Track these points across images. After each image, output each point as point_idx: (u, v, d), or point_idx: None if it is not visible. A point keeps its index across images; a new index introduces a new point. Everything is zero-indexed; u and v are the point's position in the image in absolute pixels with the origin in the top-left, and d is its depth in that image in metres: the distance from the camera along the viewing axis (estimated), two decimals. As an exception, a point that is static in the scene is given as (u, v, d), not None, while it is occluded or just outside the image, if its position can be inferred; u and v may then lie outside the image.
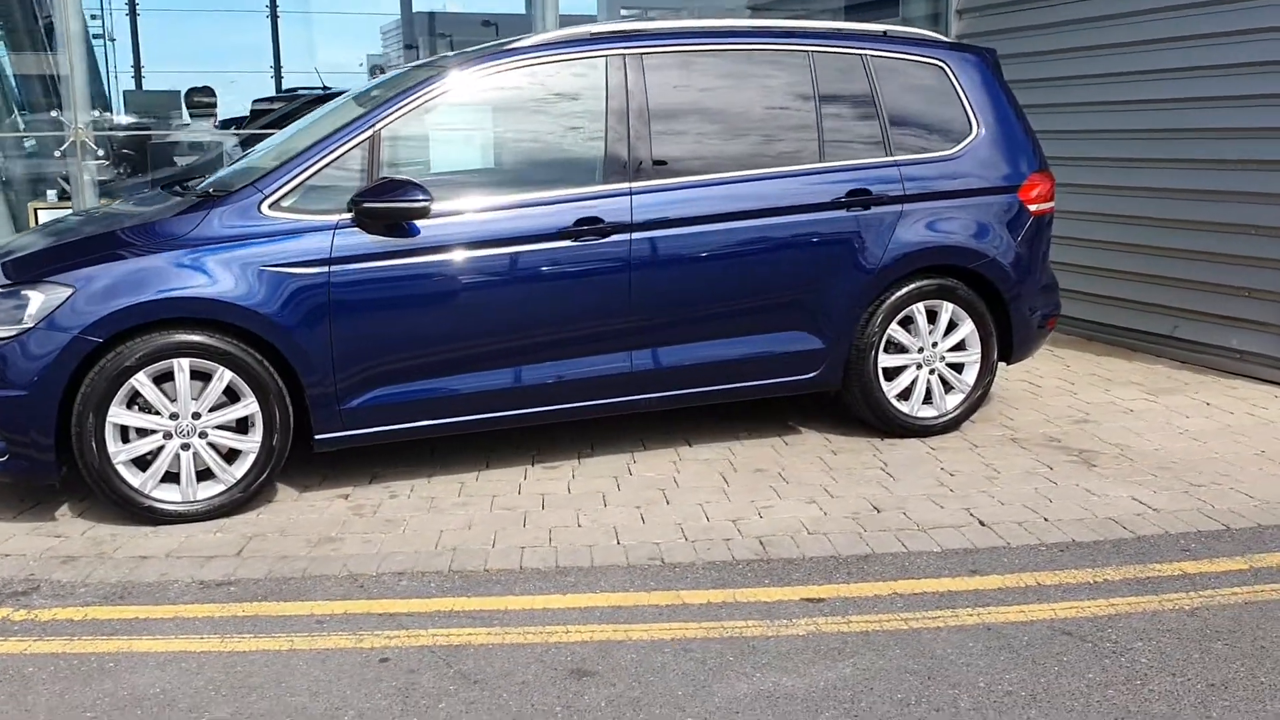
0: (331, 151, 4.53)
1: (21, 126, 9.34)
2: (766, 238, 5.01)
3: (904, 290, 5.27)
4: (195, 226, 4.37)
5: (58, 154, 7.03)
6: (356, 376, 4.51)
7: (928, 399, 5.43)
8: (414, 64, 5.50)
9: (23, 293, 4.23)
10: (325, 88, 14.14)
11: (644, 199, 4.84)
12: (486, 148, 4.98)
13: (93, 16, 13.18)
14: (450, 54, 5.44)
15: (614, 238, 4.78)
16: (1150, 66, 6.96)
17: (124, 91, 19.59)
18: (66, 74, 6.97)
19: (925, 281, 5.31)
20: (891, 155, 5.27)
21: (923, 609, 3.61)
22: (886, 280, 5.21)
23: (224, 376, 4.35)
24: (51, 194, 8.27)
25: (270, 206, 4.43)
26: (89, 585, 3.87)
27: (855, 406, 5.41)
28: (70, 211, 6.79)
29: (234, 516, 4.46)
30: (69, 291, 4.20)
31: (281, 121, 9.75)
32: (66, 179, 8.34)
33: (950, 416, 5.46)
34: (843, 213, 5.13)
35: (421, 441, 5.13)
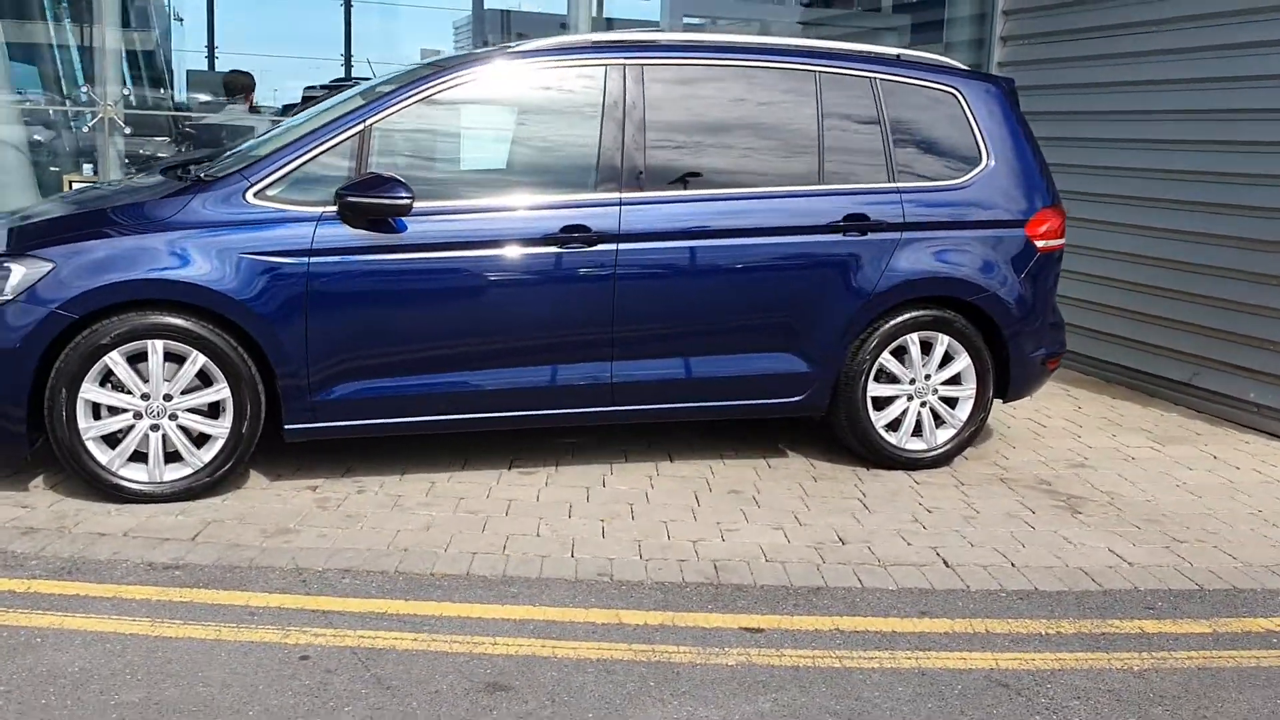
0: (322, 143, 4.55)
1: (81, 100, 9.53)
2: (757, 257, 4.94)
3: (898, 319, 5.17)
4: (179, 210, 4.40)
5: (85, 129, 7.14)
6: (330, 369, 4.52)
7: (917, 431, 5.32)
8: (421, 62, 5.49)
9: (4, 265, 4.29)
10: (375, 76, 14.26)
11: (634, 210, 4.79)
12: (479, 148, 4.97)
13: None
14: (452, 55, 5.42)
15: (600, 247, 4.74)
16: (1187, 106, 6.78)
17: (188, 71, 19.92)
18: (99, 49, 7.08)
19: (921, 312, 5.20)
20: (894, 181, 5.18)
21: (860, 648, 3.53)
22: (880, 308, 5.12)
23: (197, 360, 4.38)
24: (88, 168, 8.42)
25: (255, 194, 4.45)
26: (41, 559, 3.91)
27: (841, 434, 5.32)
28: (91, 185, 6.90)
29: (199, 500, 4.48)
30: (49, 266, 4.25)
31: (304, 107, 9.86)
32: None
33: (939, 451, 5.34)
34: (838, 236, 5.05)
35: (400, 437, 5.14)
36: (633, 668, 3.33)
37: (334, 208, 4.47)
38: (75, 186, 7.74)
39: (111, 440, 4.40)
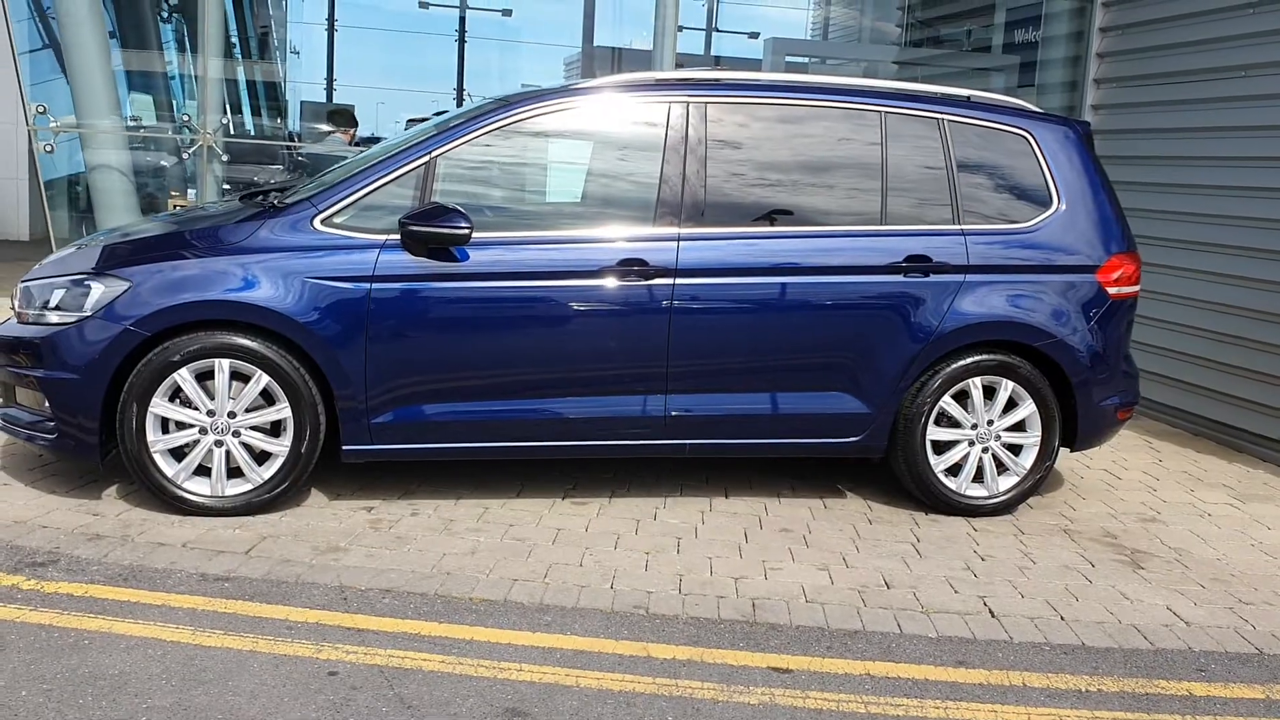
0: (388, 174, 4.68)
1: (180, 127, 9.98)
2: (816, 296, 4.92)
3: (960, 363, 5.09)
4: (249, 235, 4.58)
5: (186, 156, 7.47)
6: (388, 393, 4.63)
7: (979, 478, 5.22)
8: (492, 98, 5.62)
9: (87, 283, 4.51)
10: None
11: (692, 245, 4.83)
12: (542, 181, 5.06)
13: (274, 29, 13.98)
14: (519, 91, 5.54)
15: (657, 281, 4.78)
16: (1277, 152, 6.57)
17: (301, 102, 20.69)
18: (200, 79, 7.40)
19: (985, 356, 5.12)
20: (960, 223, 5.12)
21: (889, 694, 3.47)
22: (941, 351, 5.05)
23: (260, 380, 4.53)
24: (192, 192, 8.79)
25: (323, 222, 4.61)
26: (102, 564, 4.07)
27: (901, 477, 5.25)
28: (182, 208, 7.21)
29: (258, 516, 4.63)
30: (127, 285, 4.46)
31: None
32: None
33: (1001, 499, 5.23)
34: (899, 277, 5.00)
35: (458, 462, 5.23)
36: (653, 701, 3.33)
37: (397, 236, 4.60)
38: (173, 209, 8.10)
39: (177, 454, 4.57)
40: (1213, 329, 7.01)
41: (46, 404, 4.53)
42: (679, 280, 4.80)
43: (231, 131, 7.63)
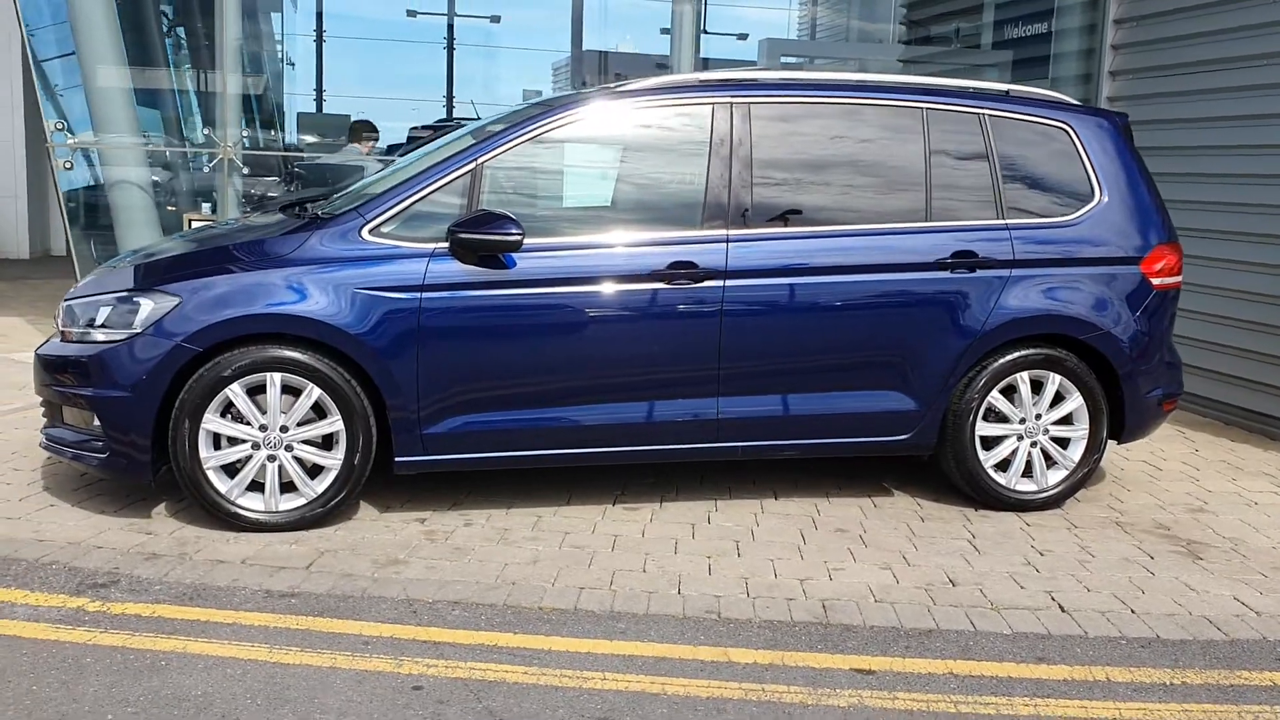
0: (434, 182, 4.65)
1: (199, 141, 9.91)
2: (864, 294, 4.91)
3: (1008, 357, 5.08)
4: (297, 247, 4.53)
5: (205, 169, 7.42)
6: (439, 403, 4.59)
7: (1027, 472, 5.21)
8: (528, 103, 5.60)
9: (135, 299, 4.46)
10: (479, 117, 14.53)
11: (741, 247, 4.80)
12: (587, 186, 5.03)
13: (277, 42, 13.92)
14: (560, 95, 5.51)
15: (707, 284, 4.75)
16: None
17: (298, 113, 20.59)
18: (219, 93, 7.35)
19: (1032, 350, 5.11)
20: (1003, 218, 5.11)
21: (975, 693, 3.45)
22: (989, 346, 5.04)
23: (312, 393, 4.49)
24: (206, 207, 8.73)
25: (370, 231, 4.57)
26: (164, 584, 4.02)
27: (949, 473, 5.23)
28: (209, 223, 7.16)
29: (311, 530, 4.58)
30: (176, 301, 4.41)
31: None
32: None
33: (1051, 493, 5.22)
34: (946, 274, 4.99)
35: (506, 471, 5.19)
36: (743, 706, 3.30)
37: (445, 244, 4.56)
38: (194, 225, 8.03)
39: (230, 470, 4.52)
40: (1240, 317, 7.01)
41: (96, 423, 4.48)
42: (729, 282, 4.78)
43: (246, 145, 7.56)
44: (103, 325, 4.52)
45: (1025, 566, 4.53)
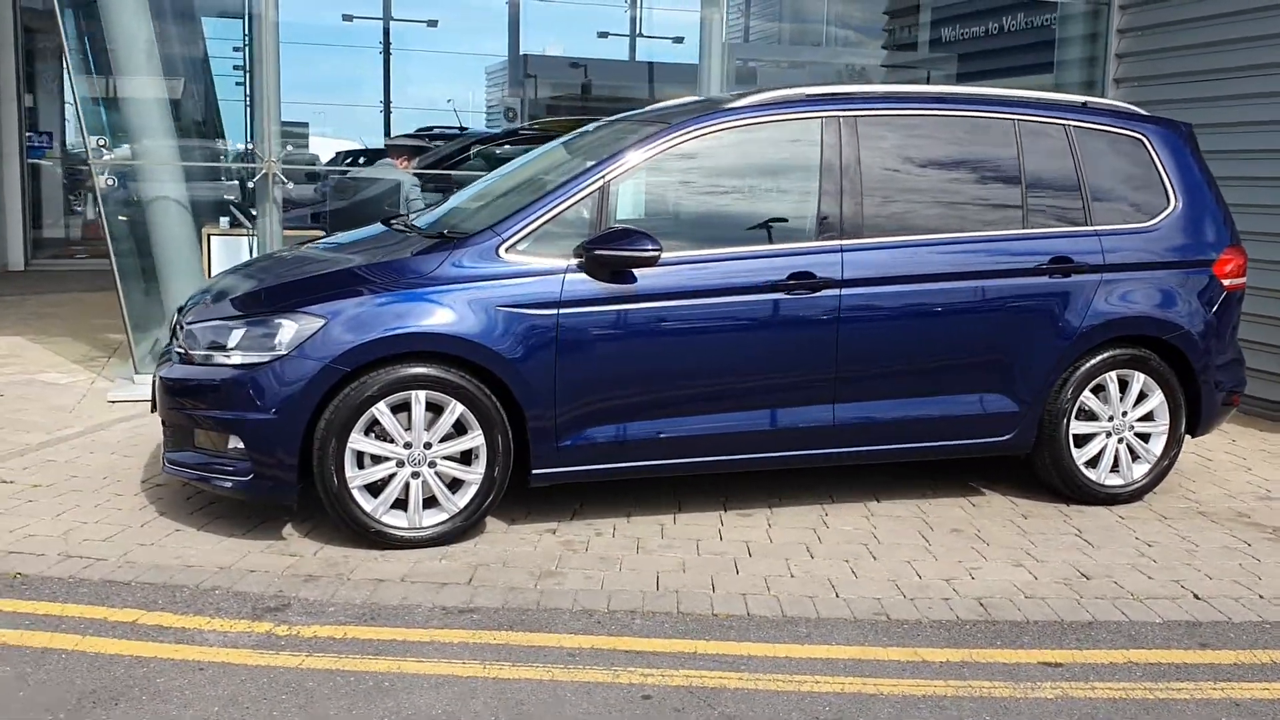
0: (566, 199, 4.71)
1: (230, 155, 9.76)
2: (970, 299, 5.10)
3: (1099, 358, 5.31)
4: (438, 266, 4.56)
5: (251, 184, 7.34)
6: (575, 414, 4.66)
7: (1114, 468, 5.45)
8: (626, 117, 5.67)
9: (276, 321, 4.45)
10: (462, 127, 14.50)
11: (854, 256, 4.95)
12: (704, 201, 5.12)
13: (235, 49, 13.69)
14: (662, 108, 5.60)
15: (824, 293, 4.89)
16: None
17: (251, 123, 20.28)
18: (260, 105, 7.28)
19: (1119, 350, 5.35)
20: (1092, 225, 5.34)
21: (1161, 679, 3.64)
22: (1083, 347, 5.27)
23: (455, 409, 4.52)
24: (224, 221, 8.60)
25: (507, 250, 4.62)
26: (336, 605, 4.03)
27: (1044, 471, 5.44)
28: (269, 252, 7.10)
29: (454, 545, 4.61)
30: (321, 322, 4.41)
31: (447, 162, 10.06)
32: (240, 208, 8.70)
33: (1136, 486, 5.47)
34: (1045, 279, 5.20)
35: (616, 482, 5.26)
36: (961, 704, 3.44)
37: (577, 260, 4.63)
38: (215, 241, 7.94)
39: (371, 488, 4.54)
40: (1254, 312, 7.35)
41: (237, 445, 4.45)
42: (844, 290, 4.92)
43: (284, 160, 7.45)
44: (237, 348, 4.50)
45: (1141, 558, 4.75)
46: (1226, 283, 5.54)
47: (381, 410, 4.45)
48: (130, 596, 4.04)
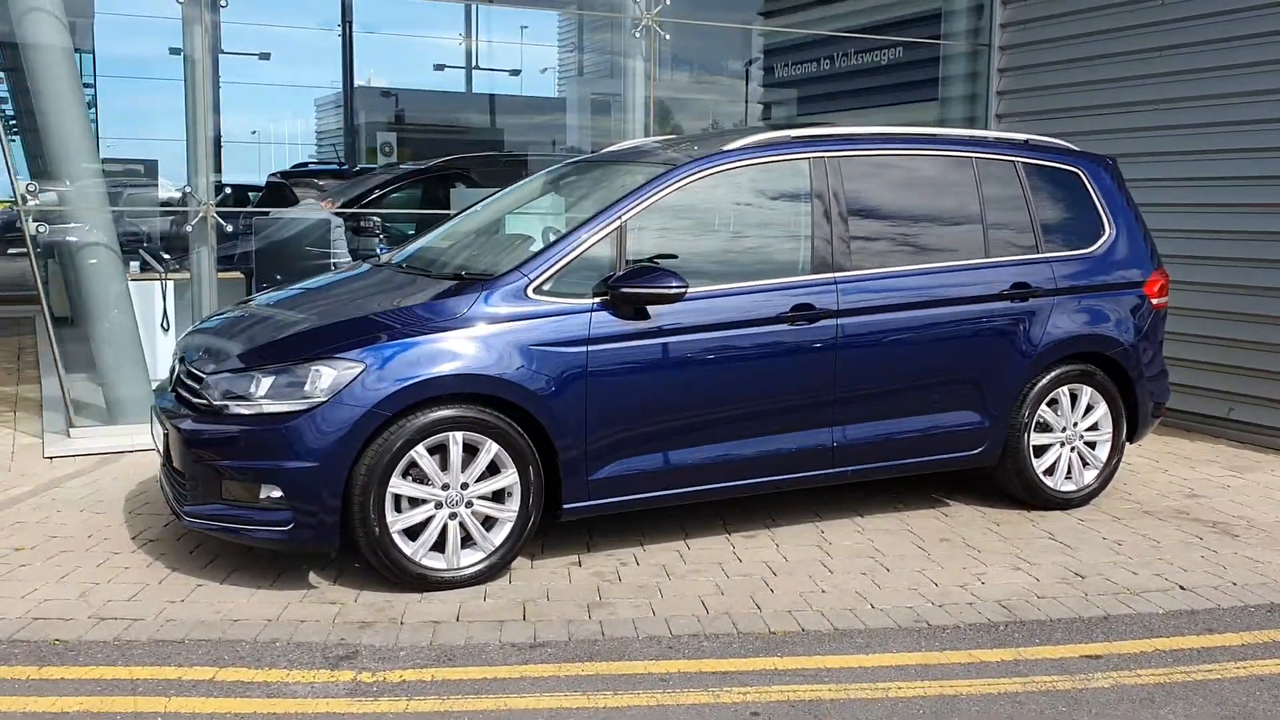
0: (587, 239, 4.85)
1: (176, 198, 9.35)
2: (950, 324, 5.49)
3: (1053, 374, 5.79)
4: (469, 307, 4.63)
5: (188, 228, 7.14)
6: (604, 449, 4.79)
7: (1068, 474, 5.93)
8: (605, 158, 5.84)
9: (313, 368, 4.42)
10: (341, 163, 14.28)
11: (848, 287, 5.27)
12: (707, 238, 5.34)
13: (86, 85, 13.14)
14: (665, 150, 5.78)
15: (822, 322, 5.19)
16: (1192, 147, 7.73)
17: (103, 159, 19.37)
18: (193, 145, 7.13)
19: (1070, 367, 5.84)
20: (1042, 252, 5.82)
21: (1193, 663, 4.04)
22: (1041, 365, 5.73)
23: (491, 449, 4.59)
24: (134, 265, 8.31)
25: (535, 290, 4.72)
26: (405, 649, 4.04)
27: (1007, 481, 5.87)
28: (237, 302, 6.92)
29: (490, 583, 4.66)
30: (360, 368, 4.41)
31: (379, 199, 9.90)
32: (152, 253, 8.43)
33: (1087, 490, 5.97)
34: (1008, 303, 5.64)
35: (620, 515, 5.39)
36: (1034, 698, 3.74)
37: (600, 298, 4.77)
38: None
39: (409, 531, 4.55)
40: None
41: (274, 494, 4.40)
42: (841, 320, 5.23)
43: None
44: (265, 396, 4.45)
45: (1119, 555, 5.21)
46: (1155, 301, 6.12)
47: (420, 453, 4.48)
48: (192, 655, 3.95)
